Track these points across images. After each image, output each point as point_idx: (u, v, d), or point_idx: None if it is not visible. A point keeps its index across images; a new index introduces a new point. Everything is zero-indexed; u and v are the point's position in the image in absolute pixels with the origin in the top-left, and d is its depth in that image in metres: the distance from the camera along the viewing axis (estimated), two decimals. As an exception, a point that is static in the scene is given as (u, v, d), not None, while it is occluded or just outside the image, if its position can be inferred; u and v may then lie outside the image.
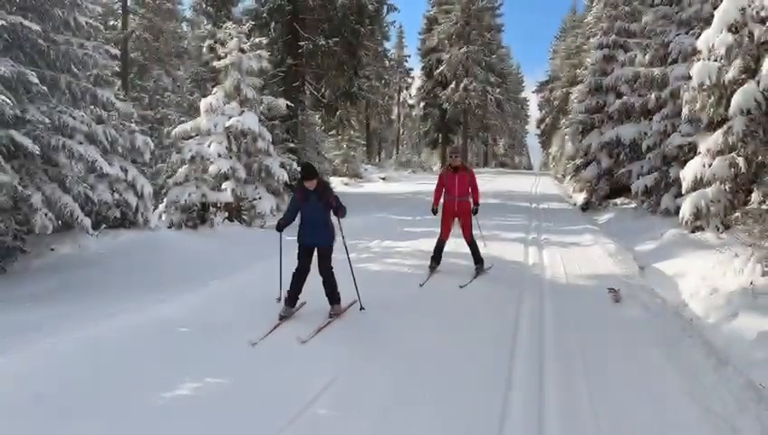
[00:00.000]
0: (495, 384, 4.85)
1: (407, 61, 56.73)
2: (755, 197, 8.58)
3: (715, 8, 9.06)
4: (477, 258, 8.96)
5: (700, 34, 9.30)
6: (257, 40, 16.15)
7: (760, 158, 8.47)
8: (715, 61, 8.82)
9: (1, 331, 5.74)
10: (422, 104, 54.37)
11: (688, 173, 9.36)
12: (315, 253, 6.67)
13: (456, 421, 4.23)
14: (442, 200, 9.03)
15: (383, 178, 34.22)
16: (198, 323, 6.25)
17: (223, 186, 13.31)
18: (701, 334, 6.21)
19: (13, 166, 8.24)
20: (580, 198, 22.54)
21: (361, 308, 6.84)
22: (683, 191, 10.01)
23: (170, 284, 7.98)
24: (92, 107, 10.11)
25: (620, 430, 4.11)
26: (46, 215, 8.33)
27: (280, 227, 6.71)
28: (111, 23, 24.77)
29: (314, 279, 6.62)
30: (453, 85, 48.00)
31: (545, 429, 4.14)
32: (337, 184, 26.64)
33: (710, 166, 8.87)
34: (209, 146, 13.30)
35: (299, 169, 16.37)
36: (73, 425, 4.00)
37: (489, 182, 32.56)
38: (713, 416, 4.29)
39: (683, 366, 5.24)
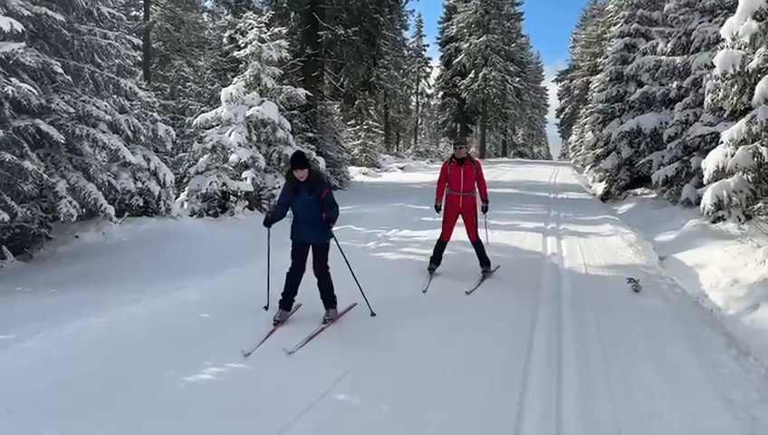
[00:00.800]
0: (512, 379, 4.83)
1: (425, 50, 56.59)
2: (778, 187, 8.48)
3: (739, -5, 8.91)
4: (484, 260, 8.11)
5: (724, 22, 9.15)
6: (277, 30, 16.27)
7: (784, 147, 8.35)
8: (739, 49, 8.68)
9: (27, 316, 5.87)
10: (440, 94, 54.29)
11: (710, 163, 9.24)
12: (310, 251, 6.09)
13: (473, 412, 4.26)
14: (445, 196, 8.17)
15: (401, 168, 34.19)
16: (218, 309, 6.35)
17: (243, 175, 13.42)
18: (721, 325, 6.18)
19: (38, 154, 8.40)
20: (600, 187, 22.39)
21: (372, 314, 6.24)
22: (704, 181, 9.88)
23: (191, 271, 8.09)
24: (115, 96, 10.24)
25: (639, 420, 4.12)
26: (71, 203, 8.48)
27: (268, 223, 6.16)
28: (133, 13, 25.01)
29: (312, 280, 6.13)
30: (472, 75, 47.82)
31: (563, 417, 4.17)
32: (355, 174, 26.66)
33: (732, 156, 8.75)
34: (230, 135, 13.43)
35: (320, 158, 16.50)
36: (96, 409, 4.10)
37: (508, 172, 32.44)
38: (733, 406, 4.28)
39: (703, 356, 5.22)
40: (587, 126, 31.43)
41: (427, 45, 61.53)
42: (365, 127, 33.85)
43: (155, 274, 8.03)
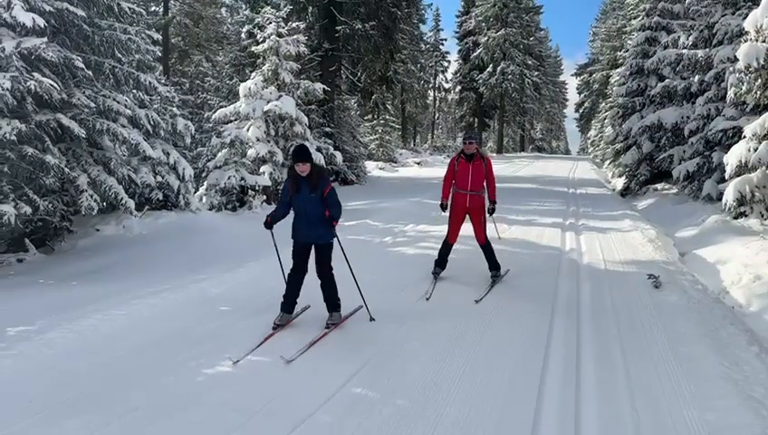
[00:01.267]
0: (530, 376, 4.80)
1: (443, 44, 56.44)
2: (803, 182, 8.36)
3: (763, -13, 8.77)
4: (493, 264, 7.52)
5: (747, 15, 9.03)
6: (295, 24, 16.30)
7: (808, 142, 8.23)
8: (764, 42, 8.56)
9: (50, 308, 5.95)
10: (458, 88, 54.08)
11: (732, 158, 9.14)
12: (313, 251, 5.75)
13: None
14: (451, 194, 7.64)
15: (418, 163, 34.16)
16: (237, 302, 6.39)
17: (261, 169, 13.50)
18: (743, 322, 6.10)
19: (60, 148, 8.52)
20: (620, 183, 22.21)
21: (371, 319, 5.85)
22: (726, 176, 9.78)
23: (210, 264, 8.16)
24: (135, 91, 10.35)
25: (660, 416, 4.09)
26: (92, 196, 8.59)
27: (269, 225, 5.82)
28: (153, 8, 25.15)
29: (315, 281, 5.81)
30: (490, 69, 47.58)
31: (582, 413, 4.15)
32: (372, 168, 26.66)
33: (755, 150, 8.64)
34: (248, 130, 13.51)
35: (337, 153, 16.52)
36: (114, 400, 4.15)
37: (526, 167, 32.27)
38: (754, 403, 4.22)
39: (724, 353, 5.15)
40: (606, 120, 31.15)
41: (445, 39, 61.63)
42: (382, 122, 33.85)
43: (175, 267, 8.10)
